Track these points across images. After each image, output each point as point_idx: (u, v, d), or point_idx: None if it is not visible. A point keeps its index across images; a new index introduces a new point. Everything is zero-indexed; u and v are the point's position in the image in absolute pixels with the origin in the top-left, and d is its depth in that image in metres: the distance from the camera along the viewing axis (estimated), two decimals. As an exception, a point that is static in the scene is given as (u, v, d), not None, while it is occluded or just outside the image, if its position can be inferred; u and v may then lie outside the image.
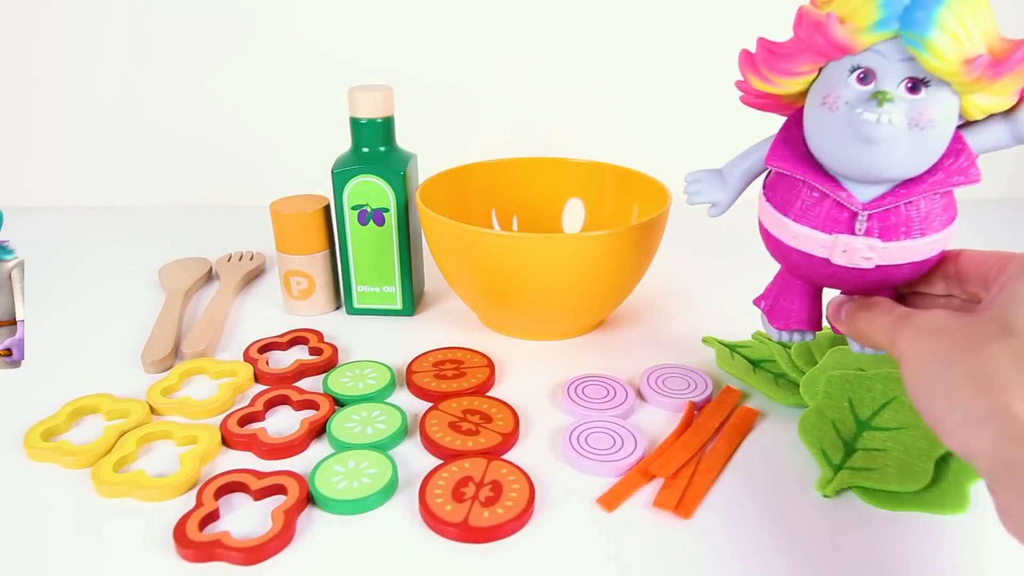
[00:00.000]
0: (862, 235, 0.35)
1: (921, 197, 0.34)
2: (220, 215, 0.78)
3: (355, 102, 0.53)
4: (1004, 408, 0.27)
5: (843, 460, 0.40)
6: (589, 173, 0.61)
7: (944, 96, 0.33)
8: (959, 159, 0.34)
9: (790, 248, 0.37)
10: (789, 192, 0.37)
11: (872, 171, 0.34)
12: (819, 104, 0.34)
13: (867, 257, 0.35)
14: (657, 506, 0.38)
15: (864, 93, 0.33)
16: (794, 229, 0.36)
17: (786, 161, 0.36)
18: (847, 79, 0.33)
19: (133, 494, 0.39)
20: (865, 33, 0.32)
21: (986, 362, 0.28)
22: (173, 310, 0.56)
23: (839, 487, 0.39)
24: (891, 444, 0.40)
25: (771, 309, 0.42)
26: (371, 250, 0.55)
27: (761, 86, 0.36)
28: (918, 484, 0.38)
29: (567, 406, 0.46)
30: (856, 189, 0.35)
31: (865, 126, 0.32)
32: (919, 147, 0.33)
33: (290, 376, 0.49)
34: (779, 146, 0.37)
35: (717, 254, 0.67)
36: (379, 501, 0.38)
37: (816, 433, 0.41)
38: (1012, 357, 0.27)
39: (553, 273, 0.48)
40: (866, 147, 0.33)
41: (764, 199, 0.39)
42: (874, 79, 0.33)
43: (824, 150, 0.35)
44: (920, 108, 0.32)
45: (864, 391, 0.42)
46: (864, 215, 0.35)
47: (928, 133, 0.33)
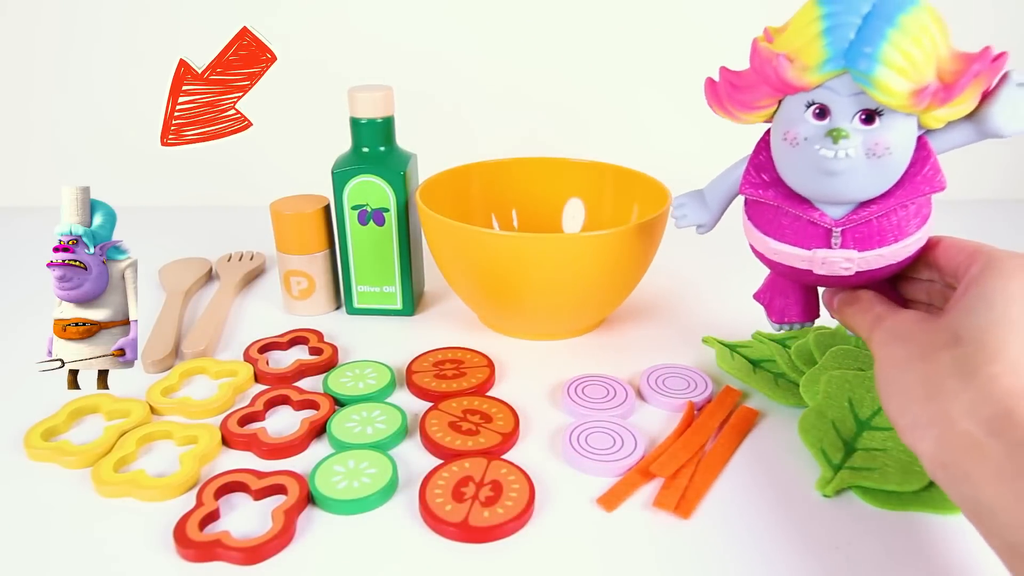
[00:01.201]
0: (838, 247, 0.37)
1: (891, 209, 0.35)
2: (220, 215, 0.78)
3: (355, 102, 0.53)
4: (944, 414, 0.29)
5: (843, 460, 0.40)
6: (589, 173, 0.61)
7: (898, 122, 0.33)
8: (924, 168, 0.35)
9: (775, 262, 0.39)
10: (766, 214, 0.39)
11: (837, 198, 0.36)
12: (781, 139, 0.36)
13: (845, 268, 0.37)
14: (657, 506, 0.38)
15: (821, 129, 0.34)
16: (775, 247, 0.38)
17: (759, 188, 0.38)
18: (803, 115, 0.35)
19: (133, 494, 0.39)
20: (813, 72, 0.33)
21: (934, 370, 0.30)
22: (173, 310, 0.56)
23: (839, 487, 0.39)
24: (891, 444, 0.40)
25: (769, 305, 0.45)
26: (371, 250, 0.55)
27: (724, 116, 0.38)
28: (918, 484, 0.38)
29: (567, 406, 0.46)
30: (828, 208, 0.36)
31: (824, 162, 0.34)
32: (879, 172, 0.34)
33: (290, 376, 0.49)
34: (751, 172, 0.39)
35: (717, 254, 0.67)
36: (379, 501, 0.38)
37: (816, 433, 0.41)
38: (956, 366, 0.29)
39: (553, 273, 0.48)
40: (828, 178, 0.34)
41: (746, 217, 0.41)
42: (829, 114, 0.34)
43: (791, 179, 0.37)
44: (875, 138, 0.33)
45: (864, 391, 0.42)
46: (838, 231, 0.36)
47: (885, 160, 0.34)
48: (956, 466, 0.28)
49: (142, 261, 0.67)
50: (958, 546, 0.36)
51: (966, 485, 0.28)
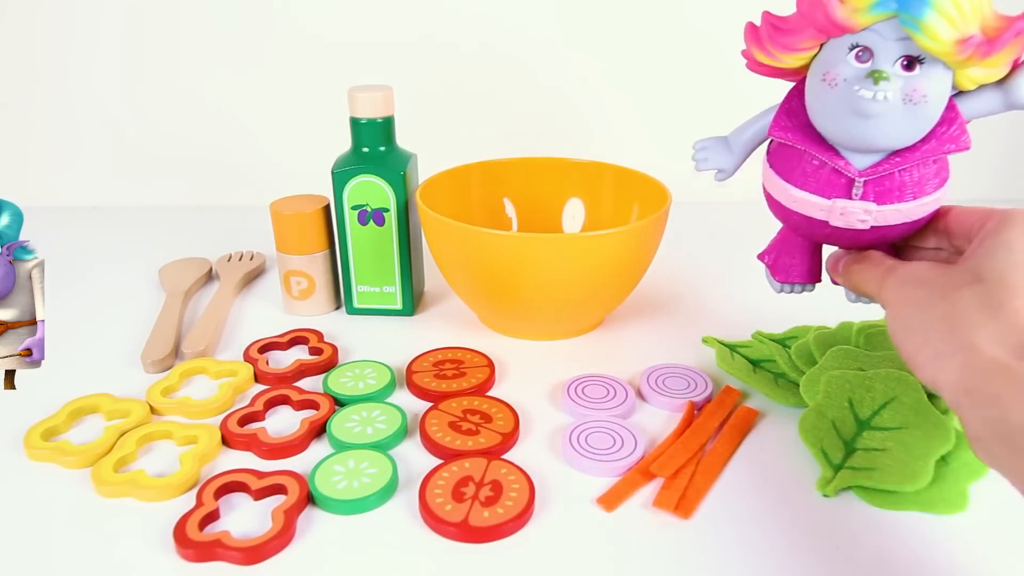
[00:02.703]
0: (858, 199, 0.37)
1: (915, 164, 0.36)
2: (220, 215, 0.78)
3: (355, 102, 0.53)
4: (968, 344, 0.30)
5: (843, 460, 0.40)
6: (589, 173, 0.61)
7: (938, 72, 0.34)
8: (951, 127, 0.36)
9: (791, 211, 0.39)
10: (791, 160, 0.39)
11: (868, 143, 0.36)
12: (819, 80, 0.36)
13: (863, 220, 0.37)
14: (657, 506, 0.38)
15: (862, 71, 0.35)
16: (795, 194, 0.38)
17: (788, 132, 0.39)
18: (846, 57, 0.35)
19: (133, 494, 0.39)
20: (864, 13, 0.34)
21: (956, 306, 0.31)
22: (173, 310, 0.56)
23: (839, 487, 0.39)
24: (891, 444, 0.40)
25: (774, 264, 0.44)
26: (371, 250, 0.55)
27: (765, 59, 0.38)
28: (918, 484, 0.38)
29: (567, 406, 0.46)
30: (853, 158, 0.37)
31: (862, 103, 0.34)
32: (913, 120, 0.35)
33: (290, 376, 0.49)
34: (782, 117, 0.39)
35: (717, 254, 0.67)
36: (379, 501, 0.38)
37: (816, 433, 0.41)
38: (979, 300, 0.31)
39: (553, 273, 0.48)
40: (862, 121, 0.35)
41: (767, 165, 0.41)
42: (871, 57, 0.34)
43: (823, 122, 0.37)
44: (914, 85, 0.34)
45: (864, 391, 0.42)
46: (860, 181, 0.37)
47: (921, 108, 0.34)
48: (983, 389, 0.29)
49: (142, 261, 0.67)
50: (958, 546, 0.36)
51: (994, 407, 0.28)
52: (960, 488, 0.38)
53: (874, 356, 0.45)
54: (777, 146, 0.40)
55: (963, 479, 0.38)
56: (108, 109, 0.80)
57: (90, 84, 0.79)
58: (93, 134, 0.81)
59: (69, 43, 0.77)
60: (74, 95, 0.79)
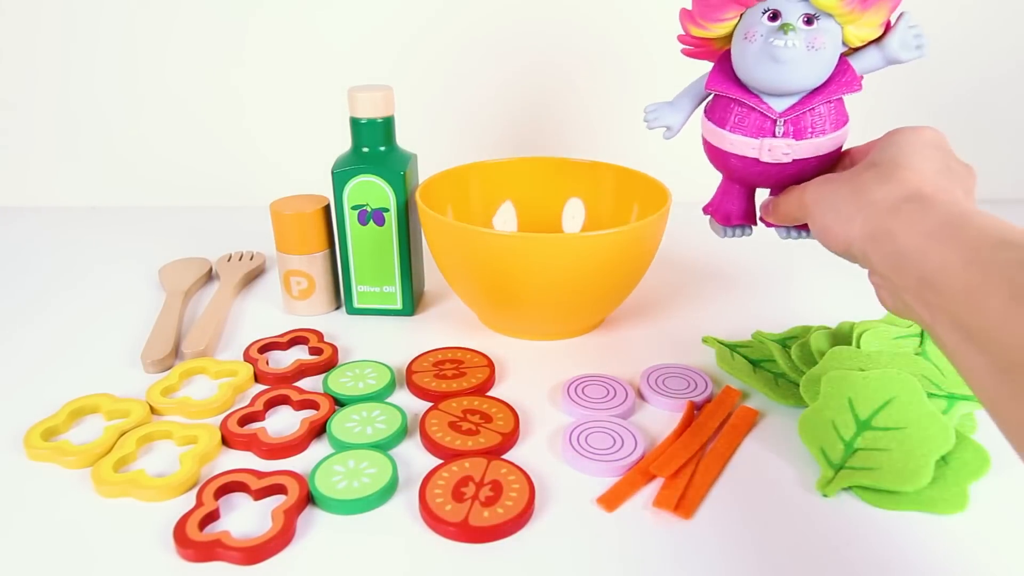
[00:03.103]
0: (781, 136, 0.46)
1: (821, 103, 0.45)
2: (220, 215, 0.78)
3: (355, 102, 0.53)
4: (867, 202, 0.38)
5: (843, 459, 0.40)
6: (589, 173, 0.61)
7: (831, 26, 0.44)
8: (845, 75, 0.46)
9: (728, 154, 0.48)
10: (725, 110, 0.47)
11: (783, 84, 0.45)
12: (742, 38, 0.45)
13: (786, 153, 0.46)
14: (657, 506, 0.38)
15: (774, 27, 0.44)
16: (731, 138, 0.47)
17: (721, 84, 0.47)
18: (761, 18, 0.45)
19: (133, 494, 0.39)
20: None
21: (857, 182, 0.40)
22: (173, 310, 0.56)
23: (840, 486, 0.39)
24: (891, 444, 0.40)
25: (716, 211, 0.52)
26: (371, 250, 0.55)
27: (698, 32, 0.47)
28: (918, 483, 0.38)
29: (567, 406, 0.46)
30: (774, 102, 0.46)
31: (776, 50, 0.44)
32: (815, 64, 0.44)
33: (290, 376, 0.49)
34: (715, 75, 0.48)
35: (717, 254, 0.67)
36: (379, 501, 0.38)
37: (816, 433, 0.41)
38: (875, 174, 0.39)
39: (553, 273, 0.48)
40: (778, 65, 0.44)
41: (706, 118, 0.49)
42: (780, 16, 0.44)
43: (747, 72, 0.46)
44: (814, 35, 0.44)
45: (864, 391, 0.42)
46: (782, 121, 0.46)
47: (821, 54, 0.44)
48: (880, 228, 0.36)
49: (142, 261, 0.67)
50: (958, 546, 0.36)
51: (889, 242, 0.36)
52: (960, 488, 0.38)
53: (874, 356, 0.45)
54: (713, 101, 0.49)
55: (963, 479, 0.38)
56: (108, 109, 0.80)
57: (90, 84, 0.79)
58: (93, 134, 0.81)
59: (69, 43, 0.77)
60: (74, 95, 0.79)
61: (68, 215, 0.79)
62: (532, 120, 0.82)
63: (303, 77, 0.79)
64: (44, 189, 0.83)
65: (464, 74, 0.80)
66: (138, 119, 0.81)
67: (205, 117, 0.81)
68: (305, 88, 0.80)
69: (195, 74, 0.79)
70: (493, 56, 0.79)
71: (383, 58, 0.78)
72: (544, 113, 0.81)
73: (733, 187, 0.52)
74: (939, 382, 0.43)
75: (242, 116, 0.81)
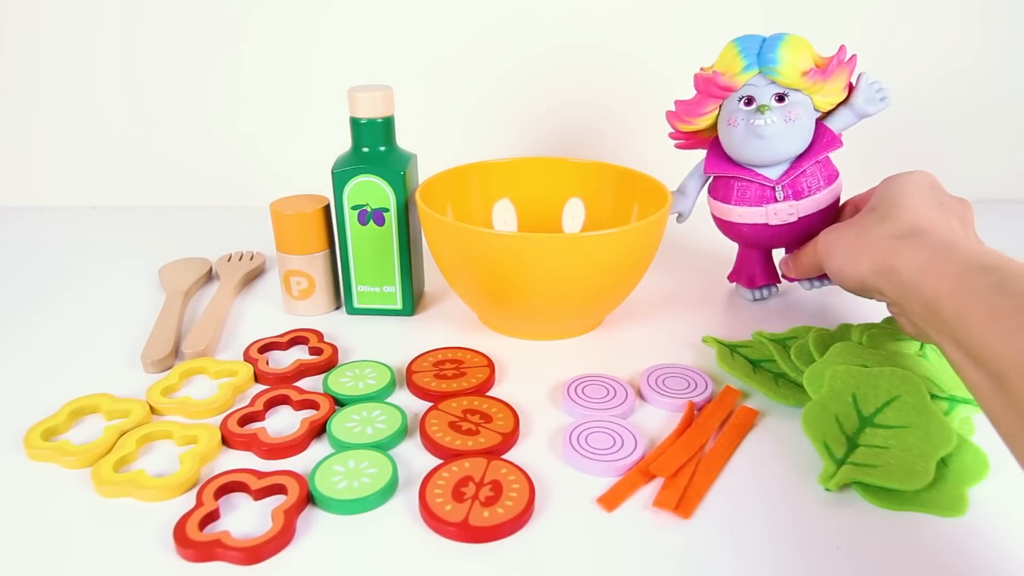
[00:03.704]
0: (783, 200, 0.52)
1: (810, 165, 0.52)
2: (220, 215, 0.78)
3: (355, 102, 0.53)
4: (872, 243, 0.43)
5: (846, 455, 0.40)
6: (589, 173, 0.61)
7: (800, 98, 0.51)
8: (825, 136, 0.52)
9: (738, 224, 0.54)
10: (727, 187, 0.54)
11: (771, 156, 0.51)
12: (726, 125, 0.52)
13: (791, 213, 0.52)
14: (657, 506, 0.38)
15: (751, 110, 0.50)
16: (738, 211, 0.53)
17: (718, 167, 0.54)
18: (738, 105, 0.51)
19: (133, 494, 0.39)
20: (739, 76, 0.51)
21: (861, 226, 0.45)
22: (173, 310, 0.56)
23: (842, 482, 0.38)
24: (893, 442, 0.40)
25: (740, 277, 0.59)
26: (371, 250, 0.55)
27: (685, 127, 0.54)
28: (919, 484, 0.38)
29: (567, 406, 0.46)
30: (768, 172, 0.52)
31: (758, 129, 0.50)
32: (795, 134, 0.51)
33: (290, 376, 0.49)
34: (711, 159, 0.54)
35: (716, 254, 0.67)
36: (379, 501, 0.38)
37: (820, 426, 0.41)
38: (876, 217, 0.44)
39: (553, 273, 0.48)
40: (762, 141, 0.50)
41: (711, 199, 0.55)
42: (754, 100, 0.51)
43: (737, 152, 0.52)
44: (788, 109, 0.50)
45: (868, 387, 0.42)
46: (780, 187, 0.52)
47: (798, 124, 0.50)
48: (885, 264, 0.41)
49: (142, 261, 0.67)
50: (958, 547, 0.36)
51: (893, 275, 0.40)
52: (959, 491, 0.38)
53: (877, 354, 0.45)
54: (715, 181, 0.55)
55: (963, 482, 0.38)
56: (108, 109, 0.80)
57: (90, 83, 0.79)
58: (93, 134, 0.81)
59: (69, 42, 0.77)
60: (74, 95, 0.79)
61: (68, 215, 0.79)
62: (532, 120, 0.82)
63: (303, 77, 0.79)
64: (44, 189, 0.83)
65: (464, 74, 0.80)
66: (138, 118, 0.81)
67: (205, 117, 0.81)
68: (305, 88, 0.80)
69: (195, 73, 0.79)
70: (493, 56, 0.79)
71: (383, 58, 0.78)
72: (544, 113, 0.82)
73: (750, 252, 0.58)
74: (941, 384, 0.43)
75: (242, 116, 0.81)
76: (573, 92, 0.81)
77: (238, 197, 0.81)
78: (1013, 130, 0.83)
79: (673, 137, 0.56)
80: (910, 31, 0.78)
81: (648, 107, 0.82)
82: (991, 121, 0.82)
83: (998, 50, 0.80)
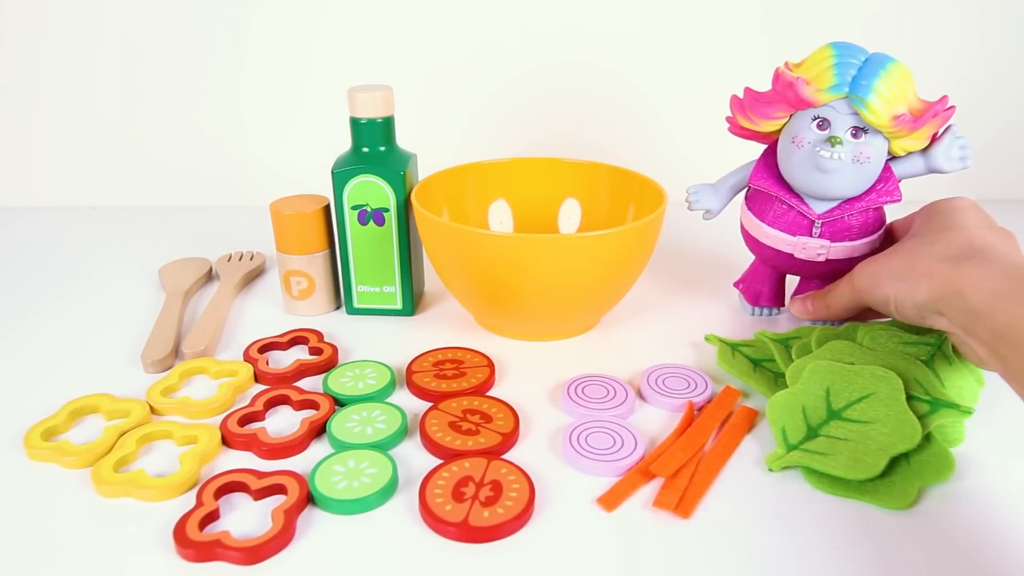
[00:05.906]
0: (817, 237, 0.48)
1: (860, 211, 0.48)
2: (220, 215, 0.78)
3: (355, 102, 0.53)
4: (927, 267, 0.40)
5: (801, 442, 0.40)
6: (585, 173, 0.61)
7: (878, 140, 0.46)
8: (887, 184, 0.48)
9: (764, 244, 0.51)
10: (765, 204, 0.50)
11: (825, 192, 0.47)
12: (789, 142, 0.47)
13: (820, 253, 0.49)
14: (657, 506, 0.38)
15: (822, 136, 0.46)
16: (768, 231, 0.50)
17: (765, 181, 0.50)
18: (810, 125, 0.46)
19: (133, 494, 0.39)
20: (824, 93, 0.46)
21: (908, 250, 0.42)
22: (173, 310, 0.56)
23: (787, 464, 0.40)
24: (854, 435, 0.40)
25: (746, 289, 0.56)
26: (371, 250, 0.55)
27: (746, 124, 0.49)
28: (864, 475, 0.38)
29: (567, 406, 0.46)
30: (814, 204, 0.48)
31: (822, 161, 0.46)
32: (859, 176, 0.46)
33: (290, 376, 0.49)
34: (760, 169, 0.50)
35: (718, 254, 0.67)
36: (379, 501, 0.38)
37: (783, 414, 0.42)
38: (921, 241, 0.42)
39: (550, 274, 0.48)
40: (822, 175, 0.46)
41: (746, 207, 0.52)
42: (829, 126, 0.46)
43: (791, 175, 0.48)
44: (860, 149, 0.45)
45: (844, 383, 0.42)
46: (819, 223, 0.48)
47: (866, 167, 0.46)
48: (949, 290, 0.39)
49: (142, 261, 0.67)
50: (958, 548, 0.36)
51: (958, 301, 0.38)
52: (907, 486, 0.38)
53: (872, 354, 0.45)
54: (755, 192, 0.51)
55: (918, 479, 0.38)
56: (107, 109, 0.80)
57: (89, 84, 0.79)
58: (92, 134, 0.81)
59: (68, 42, 0.77)
60: (74, 95, 0.79)
61: (68, 215, 0.79)
62: (529, 120, 0.82)
63: (303, 77, 0.79)
64: (43, 189, 0.83)
65: (464, 74, 0.80)
66: (138, 119, 0.81)
67: (205, 117, 0.81)
68: (305, 88, 0.80)
69: (195, 74, 0.79)
70: (493, 56, 0.79)
71: (383, 58, 0.78)
72: (541, 113, 0.82)
73: (765, 269, 0.54)
74: (930, 388, 0.42)
75: (242, 116, 0.81)
76: (570, 92, 0.81)
77: (238, 197, 0.81)
78: (1013, 130, 0.83)
79: (730, 122, 0.51)
80: (910, 31, 0.79)
81: (645, 107, 0.82)
82: (991, 121, 0.82)
83: (998, 50, 0.80)
